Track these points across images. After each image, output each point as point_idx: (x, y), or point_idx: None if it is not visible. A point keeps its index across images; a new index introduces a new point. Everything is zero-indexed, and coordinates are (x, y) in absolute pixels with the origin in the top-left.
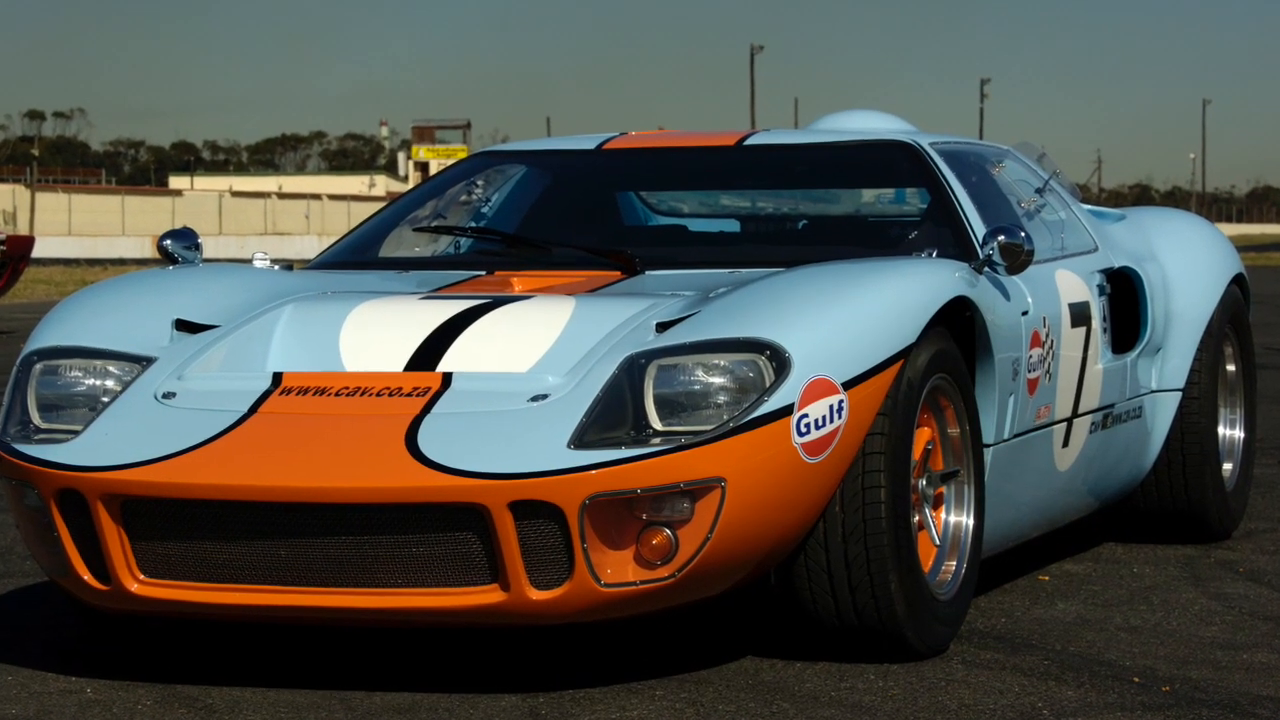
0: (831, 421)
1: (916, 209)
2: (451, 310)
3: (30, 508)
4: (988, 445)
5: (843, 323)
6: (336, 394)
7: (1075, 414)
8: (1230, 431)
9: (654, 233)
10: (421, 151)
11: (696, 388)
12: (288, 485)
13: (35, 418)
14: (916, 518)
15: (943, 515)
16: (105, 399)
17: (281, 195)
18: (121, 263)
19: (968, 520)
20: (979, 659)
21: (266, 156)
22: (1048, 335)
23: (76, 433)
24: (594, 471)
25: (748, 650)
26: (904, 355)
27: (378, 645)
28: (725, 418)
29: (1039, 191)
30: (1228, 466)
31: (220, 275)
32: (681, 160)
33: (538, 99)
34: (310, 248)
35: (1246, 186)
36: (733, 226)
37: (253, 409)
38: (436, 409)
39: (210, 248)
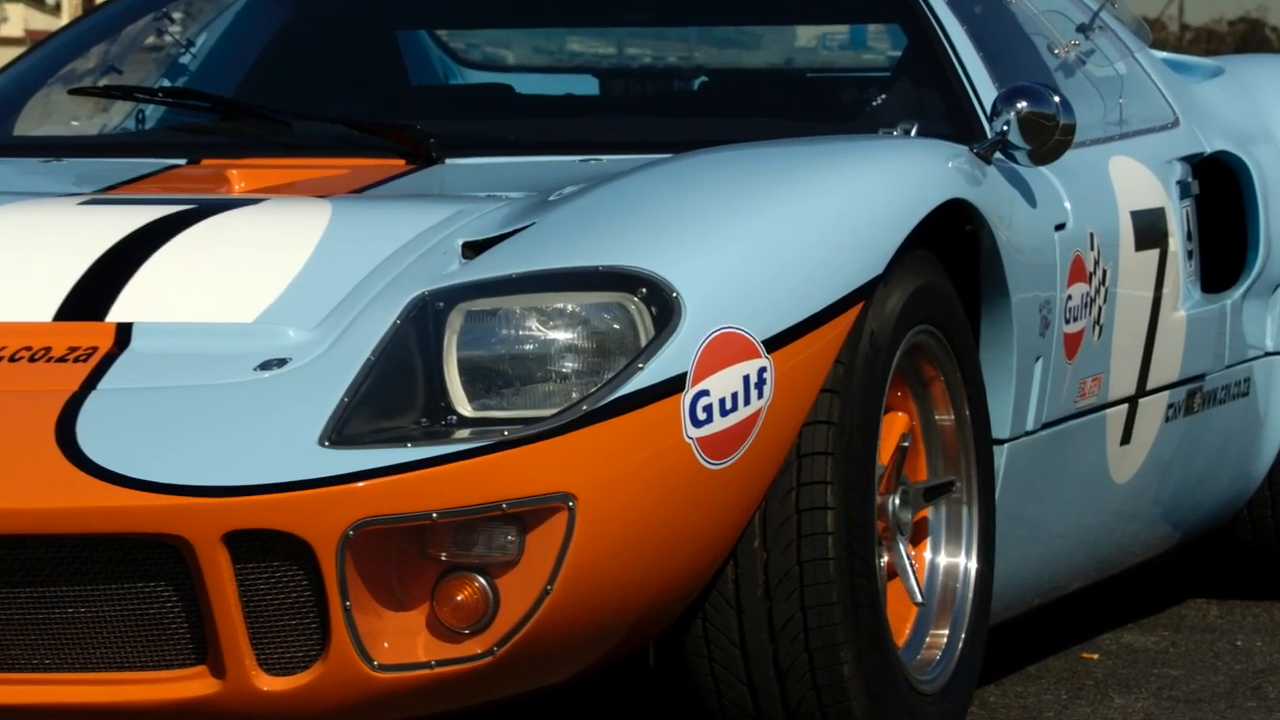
0: (747, 403)
1: (884, 58)
2: (132, 223)
3: None
4: (1000, 441)
5: (764, 244)
6: None
7: (1142, 391)
8: None
9: (460, 96)
10: None
11: (528, 348)
12: None
13: None
14: (885, 558)
15: (928, 554)
16: None
17: None
18: None
19: (968, 562)
20: None
21: None
22: (1097, 263)
23: None
24: (362, 484)
25: None
26: (865, 296)
27: None
28: (575, 396)
29: (1082, 30)
30: None
31: None
32: None
33: None
34: None
35: None
36: (588, 87)
37: None
38: (106, 383)
39: None
